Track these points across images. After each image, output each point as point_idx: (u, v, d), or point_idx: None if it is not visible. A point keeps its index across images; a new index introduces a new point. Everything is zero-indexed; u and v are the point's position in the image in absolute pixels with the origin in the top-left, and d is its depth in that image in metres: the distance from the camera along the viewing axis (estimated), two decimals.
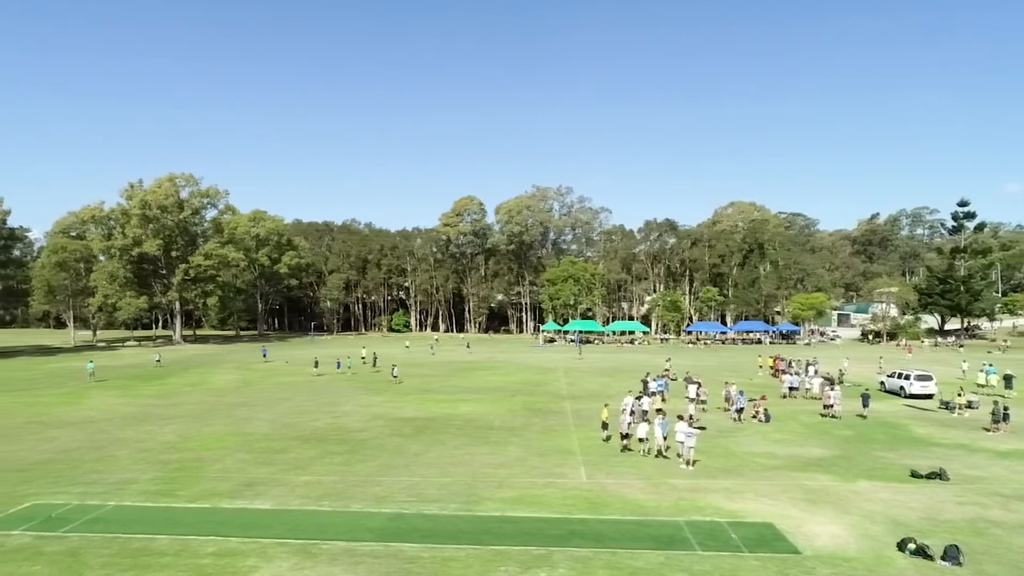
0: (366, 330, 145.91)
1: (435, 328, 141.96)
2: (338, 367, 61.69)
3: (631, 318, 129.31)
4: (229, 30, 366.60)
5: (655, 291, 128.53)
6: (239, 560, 16.45)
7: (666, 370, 54.02)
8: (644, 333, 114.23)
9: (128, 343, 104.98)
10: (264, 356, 73.81)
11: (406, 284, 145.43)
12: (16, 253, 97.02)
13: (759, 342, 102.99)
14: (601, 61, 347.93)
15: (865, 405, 36.33)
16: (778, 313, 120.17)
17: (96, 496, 22.01)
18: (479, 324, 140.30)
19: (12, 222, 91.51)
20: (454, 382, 53.27)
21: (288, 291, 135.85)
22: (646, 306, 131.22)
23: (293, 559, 16.54)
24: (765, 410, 35.38)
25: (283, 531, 18.54)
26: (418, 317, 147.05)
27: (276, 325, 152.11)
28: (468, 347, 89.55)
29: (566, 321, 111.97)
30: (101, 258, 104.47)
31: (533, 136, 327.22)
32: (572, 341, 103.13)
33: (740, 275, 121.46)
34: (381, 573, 15.76)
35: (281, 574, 15.69)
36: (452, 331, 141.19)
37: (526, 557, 16.66)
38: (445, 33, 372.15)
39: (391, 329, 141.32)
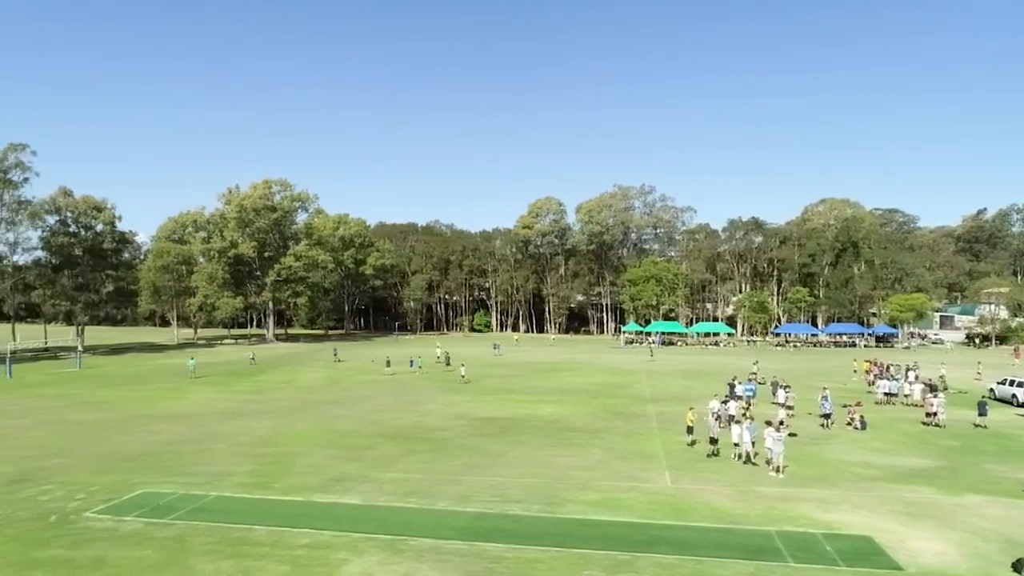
0: (448, 330, 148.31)
1: (515, 328, 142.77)
2: (411, 365, 63.13)
3: (715, 319, 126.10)
4: (309, 32, 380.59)
5: (741, 292, 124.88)
6: (331, 553, 17.01)
7: (753, 373, 52.38)
8: (729, 335, 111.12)
9: (225, 341, 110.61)
10: (336, 356, 75.71)
11: (487, 285, 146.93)
12: (126, 256, 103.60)
13: (853, 345, 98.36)
14: (680, 55, 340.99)
15: (982, 414, 33.97)
16: (874, 315, 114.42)
17: (199, 486, 23.25)
18: (559, 325, 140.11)
19: (122, 227, 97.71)
20: (535, 383, 53.39)
21: (373, 291, 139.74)
22: (731, 307, 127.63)
23: (381, 554, 16.97)
24: (861, 417, 33.75)
25: (371, 526, 19.04)
26: (498, 317, 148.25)
27: (362, 324, 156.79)
28: (496, 348, 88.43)
29: (648, 322, 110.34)
30: (201, 260, 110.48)
31: (615, 134, 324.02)
32: (653, 343, 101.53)
33: (832, 275, 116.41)
34: (466, 572, 15.95)
35: (370, 568, 16.11)
36: (532, 331, 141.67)
37: (610, 562, 16.49)
38: (522, 35, 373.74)
39: (472, 329, 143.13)
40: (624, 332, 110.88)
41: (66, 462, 27.03)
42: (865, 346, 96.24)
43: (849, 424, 33.59)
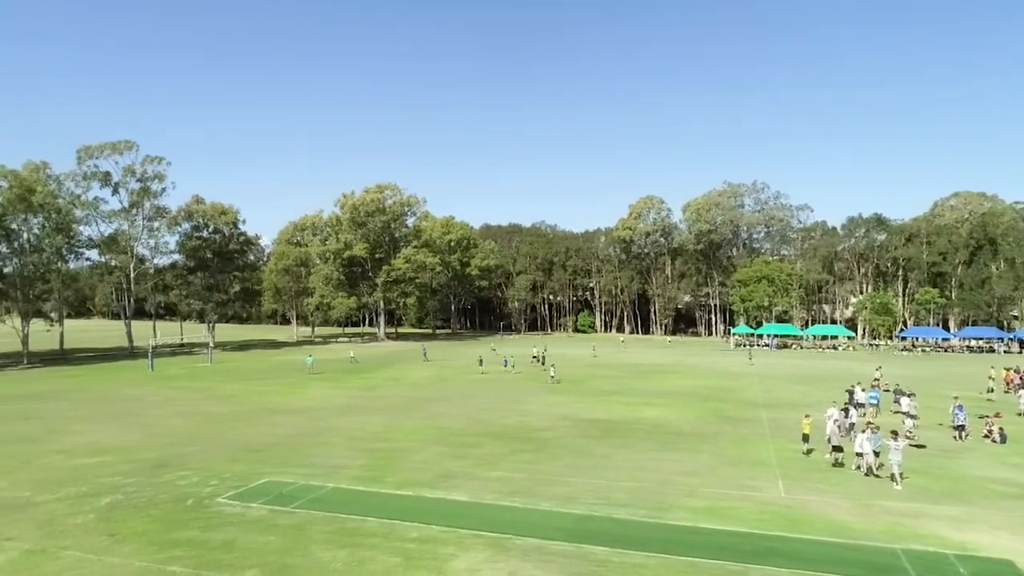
0: (552, 330, 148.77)
1: (620, 329, 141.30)
2: (505, 365, 63.80)
3: (834, 322, 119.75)
4: (420, 38, 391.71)
5: (861, 292, 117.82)
6: (439, 547, 17.52)
7: (876, 380, 49.30)
8: (849, 338, 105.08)
9: (340, 339, 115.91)
10: (424, 355, 76.94)
11: (591, 285, 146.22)
12: (251, 258, 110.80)
13: (991, 351, 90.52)
14: (787, 41, 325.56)
15: None
16: (1015, 318, 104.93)
17: (317, 477, 24.54)
18: (665, 326, 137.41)
19: (246, 231, 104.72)
20: (640, 385, 52.65)
21: (478, 292, 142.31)
22: (851, 309, 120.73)
23: (487, 551, 17.30)
24: (1000, 429, 31.09)
25: (477, 523, 19.44)
26: (603, 318, 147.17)
27: (468, 324, 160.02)
28: (593, 349, 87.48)
29: (759, 324, 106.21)
30: (317, 262, 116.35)
31: (723, 131, 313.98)
32: (766, 345, 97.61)
33: (966, 274, 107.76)
34: (571, 574, 15.99)
35: (477, 565, 16.47)
36: (638, 332, 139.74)
37: (720, 572, 16.05)
38: (617, 31, 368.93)
39: (576, 330, 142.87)
40: (734, 334, 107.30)
41: (201, 450, 29.26)
42: (1005, 352, 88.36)
43: (987, 437, 31.05)
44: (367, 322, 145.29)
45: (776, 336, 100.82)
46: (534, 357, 68.87)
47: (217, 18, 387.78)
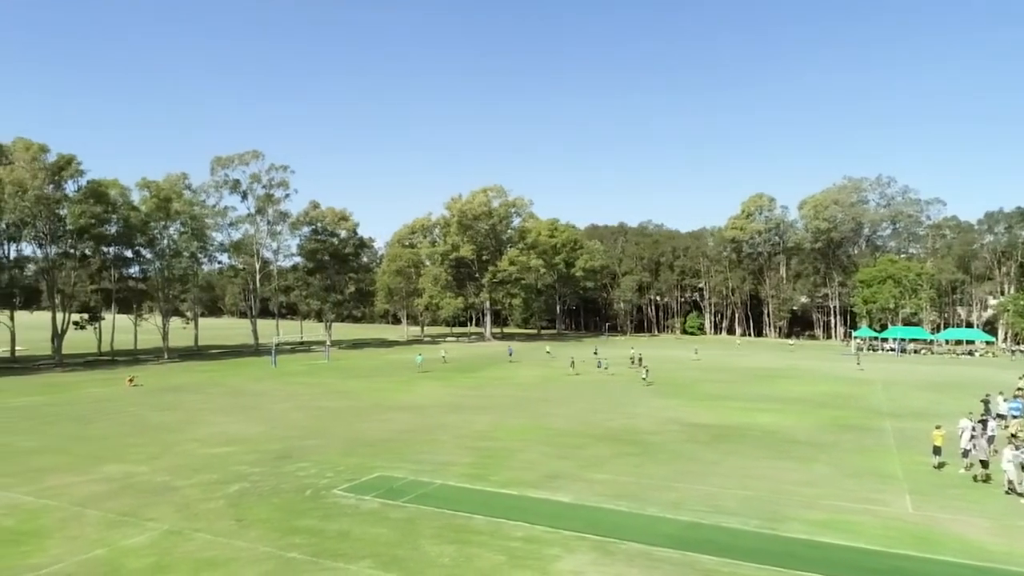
0: (659, 332, 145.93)
1: (731, 331, 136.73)
2: (599, 366, 63.15)
3: (969, 325, 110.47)
4: (512, 40, 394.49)
5: (1003, 294, 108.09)
6: (544, 548, 17.58)
7: (1021, 389, 45.08)
8: (988, 343, 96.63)
9: (448, 338, 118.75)
10: (510, 356, 76.64)
11: (699, 285, 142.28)
12: (364, 260, 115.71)
13: None
14: (914, 33, 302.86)
15: None
16: None
17: (426, 473, 25.24)
18: (779, 328, 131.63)
19: (361, 234, 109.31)
20: (752, 389, 50.72)
21: (584, 292, 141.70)
22: (990, 311, 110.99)
23: (592, 554, 17.18)
24: None
25: (582, 525, 19.35)
26: (712, 319, 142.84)
27: (573, 325, 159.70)
28: (696, 352, 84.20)
29: (884, 327, 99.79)
30: (427, 263, 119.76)
31: (841, 126, 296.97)
32: (891, 350, 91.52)
33: None
34: None
35: (582, 567, 16.39)
36: (750, 335, 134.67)
37: None
38: (725, 26, 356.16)
39: (684, 331, 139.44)
40: (855, 337, 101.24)
41: (319, 443, 30.79)
42: None
43: None
44: (474, 322, 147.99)
45: (903, 340, 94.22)
46: (631, 359, 68.10)
47: (338, 31, 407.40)
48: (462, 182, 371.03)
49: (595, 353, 64.84)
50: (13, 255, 72.99)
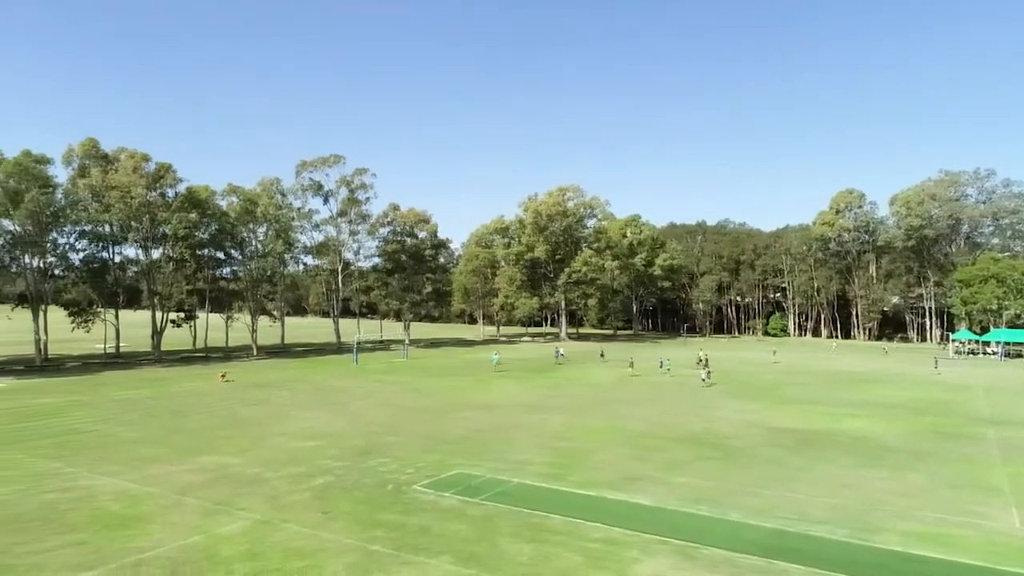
0: (739, 333, 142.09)
1: (816, 333, 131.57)
2: (660, 367, 62.42)
3: None
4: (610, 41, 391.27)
5: None
6: (623, 550, 17.38)
7: None
8: None
9: (523, 338, 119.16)
10: (557, 357, 74.71)
11: (782, 285, 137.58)
12: (442, 261, 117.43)
13: None
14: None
15: None
16: None
17: (503, 472, 25.40)
18: (868, 330, 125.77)
19: (438, 235, 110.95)
20: (839, 393, 48.68)
21: (661, 292, 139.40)
22: None
23: (673, 558, 16.88)
24: None
25: (662, 529, 19.03)
26: (796, 320, 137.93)
27: (650, 325, 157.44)
28: (774, 354, 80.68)
29: (985, 330, 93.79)
30: (503, 264, 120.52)
31: (934, 118, 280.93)
32: (993, 354, 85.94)
33: None
34: None
35: (662, 571, 16.12)
36: (836, 336, 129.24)
37: None
38: (806, 17, 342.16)
39: (766, 333, 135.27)
40: (953, 340, 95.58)
41: (399, 440, 31.48)
42: None
43: None
44: (549, 322, 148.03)
45: (1007, 344, 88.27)
46: (698, 360, 66.75)
47: (416, 43, 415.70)
48: (539, 181, 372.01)
49: (666, 363, 63.84)
50: (117, 258, 77.99)
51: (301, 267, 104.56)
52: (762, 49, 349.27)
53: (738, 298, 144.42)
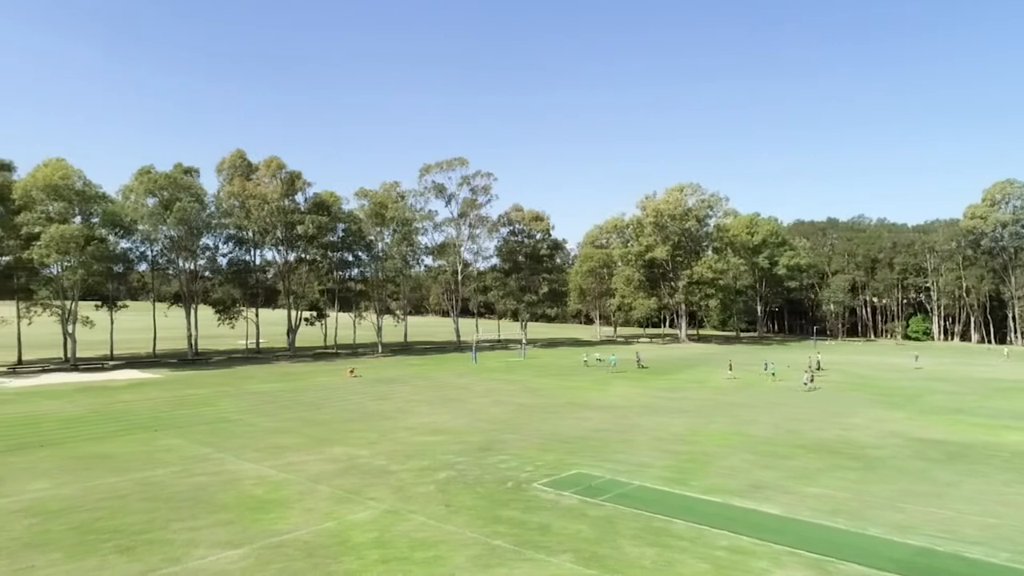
0: (875, 336, 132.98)
1: (964, 337, 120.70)
2: (765, 369, 59.91)
3: None
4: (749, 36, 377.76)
5: None
6: (751, 560, 16.65)
7: None
8: None
9: (641, 339, 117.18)
10: (638, 361, 70.02)
11: (925, 285, 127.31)
12: (558, 261, 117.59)
13: None
14: None
15: None
16: None
17: (623, 474, 25.05)
18: None
19: (554, 235, 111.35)
20: (995, 404, 44.42)
21: (787, 293, 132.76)
22: None
23: (805, 571, 15.98)
24: None
25: (793, 540, 18.07)
26: (941, 323, 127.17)
27: (775, 328, 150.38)
28: (916, 359, 73.40)
29: None
30: (619, 263, 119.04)
31: None
32: None
33: None
34: None
35: None
36: (988, 341, 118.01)
37: None
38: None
39: (906, 336, 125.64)
40: None
41: (517, 438, 31.81)
42: None
43: None
44: (668, 323, 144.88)
45: None
46: (817, 364, 63.58)
47: (535, 39, 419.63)
48: (655, 178, 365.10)
49: (810, 350, 60.64)
50: (257, 260, 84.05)
51: (422, 268, 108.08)
52: (903, 24, 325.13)
53: (874, 299, 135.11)
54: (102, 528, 18.89)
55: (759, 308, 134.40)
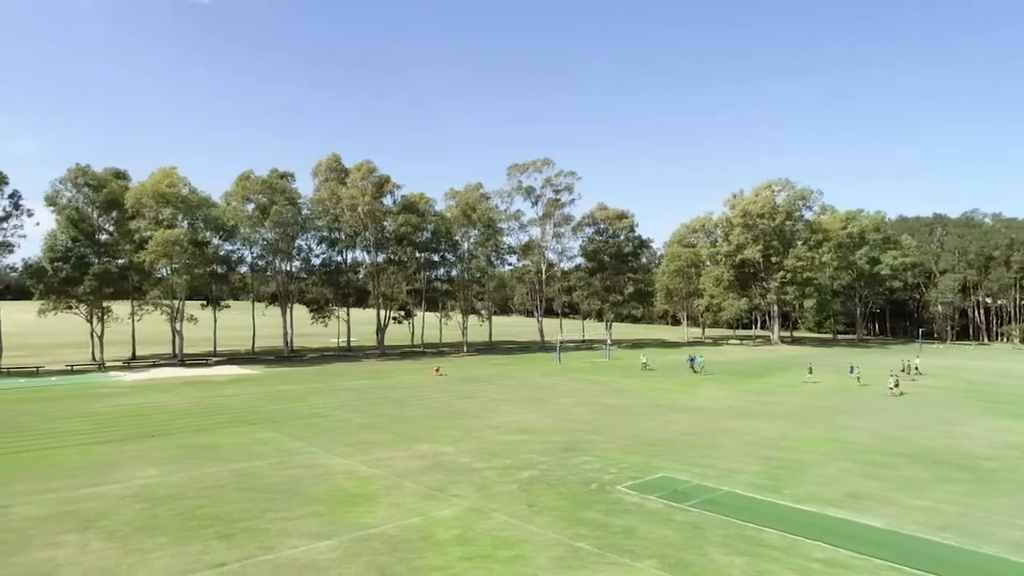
0: (989, 339, 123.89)
1: None
2: (851, 372, 56.80)
3: None
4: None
5: None
6: (848, 574, 15.76)
7: None
8: None
9: (731, 341, 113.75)
10: (691, 365, 64.95)
11: None
12: (643, 260, 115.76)
13: None
14: None
15: None
16: None
17: (711, 479, 24.28)
18: None
19: (639, 234, 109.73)
20: None
21: (890, 293, 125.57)
22: None
23: None
24: None
25: (895, 554, 16.97)
26: None
27: (876, 330, 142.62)
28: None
29: None
30: (707, 263, 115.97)
31: None
32: None
33: None
34: None
35: None
36: None
37: None
38: None
39: None
40: None
41: (601, 439, 31.43)
42: None
43: None
44: (759, 324, 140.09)
45: None
46: (903, 369, 59.83)
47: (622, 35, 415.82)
48: (742, 176, 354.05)
49: (913, 354, 57.19)
50: (348, 261, 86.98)
51: (507, 268, 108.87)
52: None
53: (987, 299, 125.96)
54: (204, 515, 19.92)
55: (858, 309, 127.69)
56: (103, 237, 69.21)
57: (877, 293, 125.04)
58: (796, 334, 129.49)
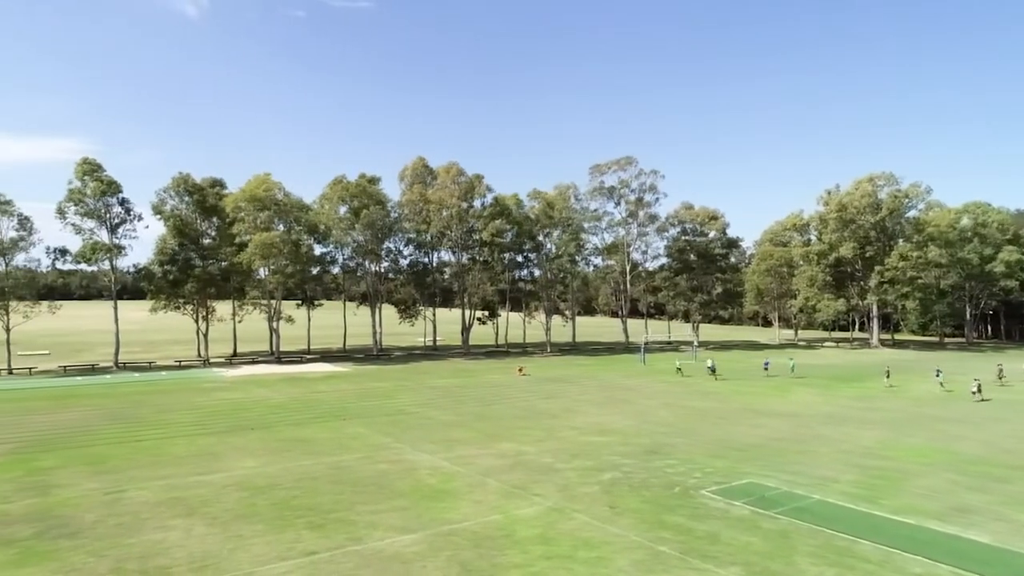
0: None
1: None
2: (936, 376, 52.96)
3: None
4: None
5: None
6: None
7: None
8: None
9: (826, 344, 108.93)
10: (766, 368, 62.35)
11: None
12: (732, 260, 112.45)
13: None
14: None
15: None
16: None
17: (801, 486, 23.43)
18: None
19: (729, 233, 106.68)
20: None
21: (1005, 294, 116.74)
22: None
23: None
24: None
25: (1002, 573, 15.97)
26: None
27: (989, 332, 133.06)
28: (999, 369, 59.76)
29: None
30: (801, 262, 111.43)
31: None
32: None
33: None
34: None
35: None
36: None
37: None
38: None
39: None
40: None
41: (686, 442, 30.87)
42: None
43: None
44: (857, 326, 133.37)
45: None
46: (998, 372, 57.30)
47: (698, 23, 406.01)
48: (838, 173, 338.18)
49: (937, 374, 53.21)
50: (435, 262, 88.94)
51: (591, 268, 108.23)
52: None
53: None
54: (297, 505, 20.93)
55: (968, 310, 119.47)
56: (206, 241, 73.59)
57: (990, 293, 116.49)
58: (898, 337, 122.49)
